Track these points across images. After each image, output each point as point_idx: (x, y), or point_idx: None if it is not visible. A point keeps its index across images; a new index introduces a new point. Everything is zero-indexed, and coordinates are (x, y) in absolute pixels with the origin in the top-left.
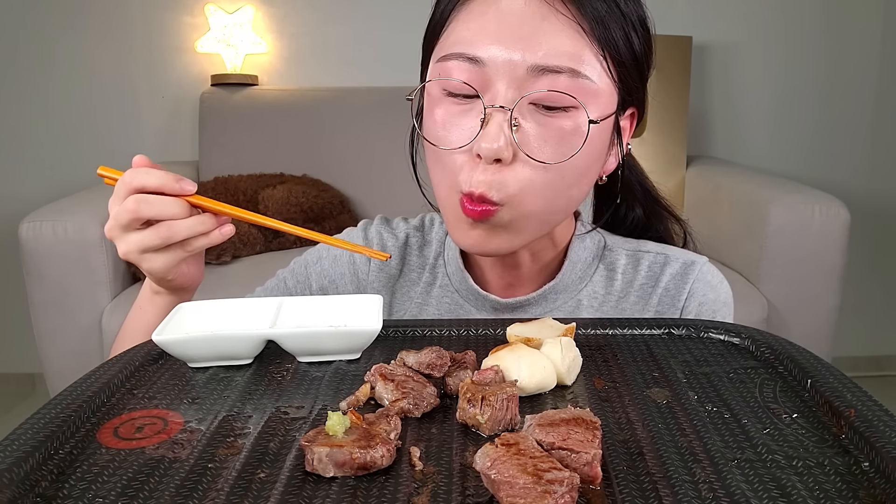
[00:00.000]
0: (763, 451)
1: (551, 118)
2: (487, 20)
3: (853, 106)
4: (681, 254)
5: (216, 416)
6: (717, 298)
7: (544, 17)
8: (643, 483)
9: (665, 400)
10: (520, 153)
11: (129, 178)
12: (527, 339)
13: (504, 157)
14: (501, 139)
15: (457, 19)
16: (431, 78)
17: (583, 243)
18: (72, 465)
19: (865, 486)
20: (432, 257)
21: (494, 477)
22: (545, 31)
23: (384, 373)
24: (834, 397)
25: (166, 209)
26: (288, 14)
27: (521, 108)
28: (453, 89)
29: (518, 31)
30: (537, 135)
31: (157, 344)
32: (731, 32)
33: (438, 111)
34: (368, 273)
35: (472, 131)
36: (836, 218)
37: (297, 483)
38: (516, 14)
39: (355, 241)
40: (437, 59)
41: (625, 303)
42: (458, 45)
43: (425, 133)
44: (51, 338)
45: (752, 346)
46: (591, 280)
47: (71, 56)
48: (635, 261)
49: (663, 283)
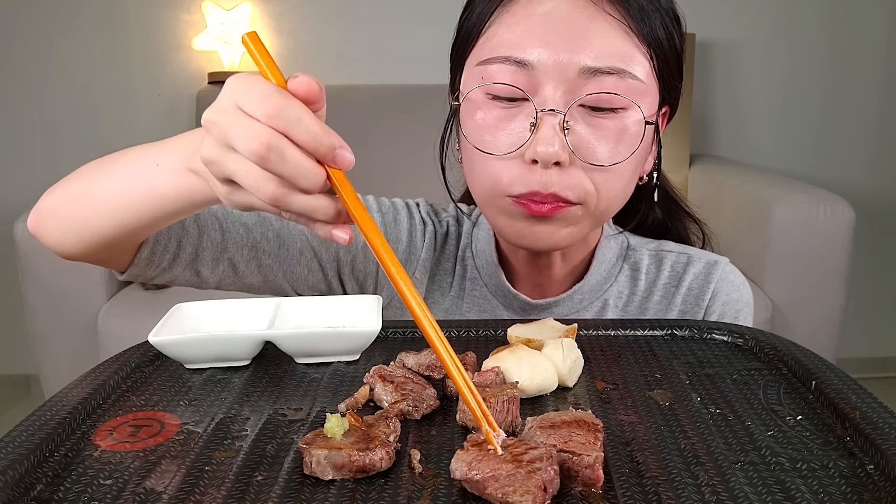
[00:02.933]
0: (767, 453)
1: (601, 118)
2: (534, 22)
3: (858, 104)
4: (703, 254)
5: (213, 418)
6: (739, 298)
7: (592, 18)
8: (645, 486)
9: (667, 402)
10: (574, 157)
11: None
12: (528, 340)
13: (562, 160)
14: (556, 143)
15: (498, 22)
16: (471, 82)
17: (608, 244)
18: (67, 467)
19: (870, 489)
20: (461, 249)
21: (478, 478)
22: (594, 31)
23: (383, 374)
24: (838, 399)
25: (301, 177)
26: (286, 11)
27: (572, 111)
28: (498, 92)
29: (567, 33)
30: (589, 136)
31: (153, 345)
32: (734, 29)
33: (481, 114)
34: (421, 250)
35: (521, 135)
36: (840, 217)
37: (296, 486)
38: (563, 15)
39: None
40: (479, 62)
41: (649, 302)
42: (503, 48)
43: (469, 139)
44: (46, 339)
45: (756, 347)
46: (616, 280)
47: (66, 53)
48: (658, 261)
49: (686, 282)
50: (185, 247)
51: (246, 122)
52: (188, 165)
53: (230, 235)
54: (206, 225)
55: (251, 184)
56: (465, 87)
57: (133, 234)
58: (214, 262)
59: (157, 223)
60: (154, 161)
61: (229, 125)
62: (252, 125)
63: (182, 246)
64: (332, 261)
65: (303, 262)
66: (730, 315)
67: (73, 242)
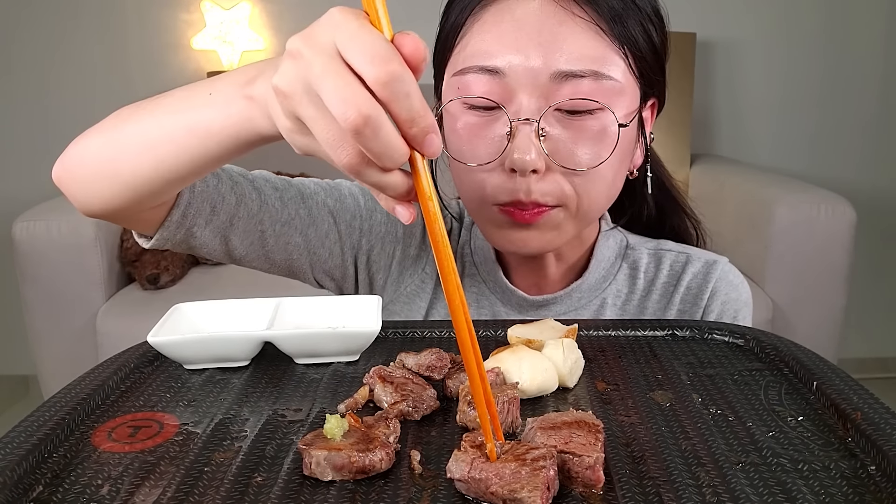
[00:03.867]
0: (768, 454)
1: (577, 121)
2: (504, 29)
3: (859, 103)
4: (702, 253)
5: (212, 418)
6: (738, 298)
7: (562, 22)
8: (646, 487)
9: (668, 402)
10: (551, 162)
11: (394, 75)
12: (528, 340)
13: (539, 168)
14: (532, 151)
15: (471, 31)
16: (449, 93)
17: (606, 242)
18: (66, 468)
19: (872, 490)
20: (461, 245)
21: (480, 476)
22: (564, 35)
23: (383, 375)
24: (840, 400)
25: (387, 157)
26: (285, 10)
27: (547, 116)
28: (473, 103)
29: (537, 39)
30: (566, 140)
31: (152, 345)
32: (735, 28)
33: (460, 125)
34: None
35: (500, 144)
36: (842, 217)
37: (295, 487)
38: (533, 21)
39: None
40: (454, 72)
41: (648, 301)
42: (475, 58)
43: (449, 149)
44: (45, 339)
45: (757, 347)
46: (615, 279)
47: (65, 53)
48: (657, 259)
49: (685, 281)
50: (219, 212)
51: (346, 78)
52: (245, 92)
53: (267, 208)
54: (243, 194)
55: (328, 143)
56: (444, 98)
57: (168, 181)
58: (246, 233)
59: (196, 169)
60: (206, 90)
61: (324, 71)
62: (353, 86)
63: (216, 211)
64: (352, 248)
65: (326, 245)
66: (728, 314)
67: (100, 190)
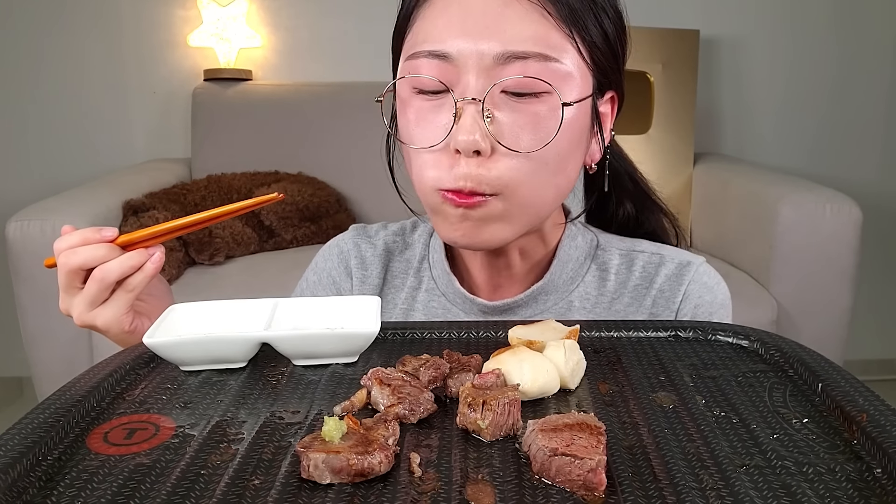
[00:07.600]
0: (772, 456)
1: (524, 104)
2: (451, 14)
3: (865, 101)
4: (676, 254)
5: (209, 421)
6: (713, 300)
7: (507, 4)
8: (649, 490)
9: (671, 404)
10: (497, 144)
11: (56, 246)
12: (529, 341)
13: (482, 149)
14: (477, 131)
15: (421, 17)
16: (400, 77)
17: (574, 242)
18: (60, 471)
19: (878, 493)
20: (416, 261)
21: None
22: (509, 17)
23: (381, 377)
24: (845, 402)
25: (91, 253)
26: (283, 7)
27: (494, 98)
28: (423, 86)
29: (482, 21)
30: (512, 123)
31: (148, 347)
32: (739, 25)
33: (410, 110)
34: (352, 289)
35: (446, 127)
36: (847, 217)
37: (293, 490)
38: (479, 4)
39: (329, 259)
40: (406, 57)
41: (618, 304)
42: (425, 43)
43: (400, 134)
44: (39, 340)
45: (762, 348)
46: (582, 280)
47: (60, 51)
48: (629, 261)
49: (658, 284)
50: None
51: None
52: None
53: None
54: None
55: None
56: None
57: None
58: None
59: None
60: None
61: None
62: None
63: None
64: None
65: None
66: (702, 318)
67: None
